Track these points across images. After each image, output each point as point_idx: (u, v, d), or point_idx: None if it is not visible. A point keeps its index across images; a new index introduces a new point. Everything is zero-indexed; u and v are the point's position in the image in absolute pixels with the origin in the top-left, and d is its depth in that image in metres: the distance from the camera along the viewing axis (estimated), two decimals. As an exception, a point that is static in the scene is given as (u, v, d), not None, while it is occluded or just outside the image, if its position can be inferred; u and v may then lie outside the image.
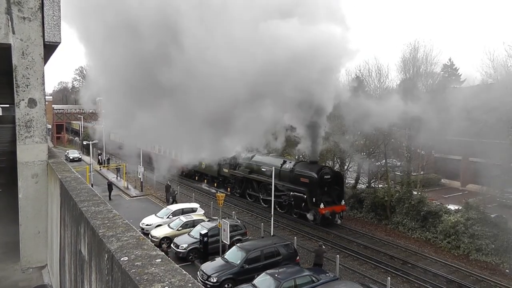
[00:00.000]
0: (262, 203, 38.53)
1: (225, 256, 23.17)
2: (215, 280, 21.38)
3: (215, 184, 46.17)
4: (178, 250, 25.74)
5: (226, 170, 43.96)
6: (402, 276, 24.20)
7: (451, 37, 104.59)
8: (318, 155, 36.43)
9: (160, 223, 30.41)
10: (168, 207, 32.86)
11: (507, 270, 25.16)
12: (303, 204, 33.39)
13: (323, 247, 25.15)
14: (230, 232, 24.69)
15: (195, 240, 25.95)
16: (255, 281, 20.02)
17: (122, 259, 2.96)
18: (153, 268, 2.81)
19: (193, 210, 32.26)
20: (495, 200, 35.10)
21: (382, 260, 26.40)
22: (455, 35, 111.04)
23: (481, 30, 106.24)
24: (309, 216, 32.82)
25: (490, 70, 32.01)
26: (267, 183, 35.85)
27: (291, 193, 34.44)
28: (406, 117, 30.30)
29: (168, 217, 30.90)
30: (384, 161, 37.20)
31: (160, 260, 2.98)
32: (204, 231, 25.86)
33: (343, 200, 33.86)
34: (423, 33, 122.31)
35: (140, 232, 3.73)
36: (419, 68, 36.17)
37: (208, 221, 28.99)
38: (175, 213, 31.21)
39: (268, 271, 20.56)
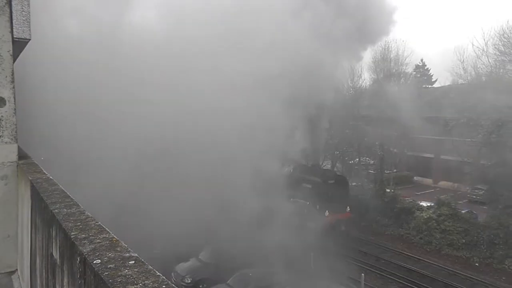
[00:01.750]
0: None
1: (199, 256, 23.05)
2: (189, 281, 21.28)
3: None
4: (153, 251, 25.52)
5: None
6: (376, 272, 24.52)
7: (422, 38, 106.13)
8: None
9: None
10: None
11: (476, 264, 25.71)
12: (305, 211, 30.54)
13: None
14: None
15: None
16: (229, 281, 20.04)
17: (94, 261, 2.90)
18: (126, 270, 2.76)
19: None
20: (465, 197, 35.91)
21: (356, 257, 26.66)
22: (426, 36, 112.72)
23: (452, 31, 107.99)
24: (310, 224, 29.71)
25: (461, 71, 32.63)
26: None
27: (291, 199, 31.15)
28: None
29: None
30: (357, 159, 37.58)
31: (133, 262, 2.93)
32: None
33: (348, 207, 31.55)
34: (396, 34, 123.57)
35: (113, 234, 3.67)
36: (391, 69, 36.71)
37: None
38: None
39: (242, 270, 20.56)
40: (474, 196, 35.39)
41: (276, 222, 23.45)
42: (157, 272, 2.77)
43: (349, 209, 31.33)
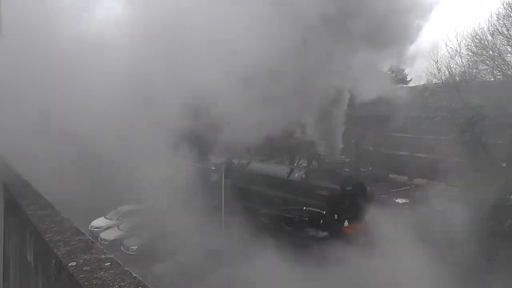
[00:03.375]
0: (263, 219, 32.27)
1: (176, 257, 22.92)
2: (166, 282, 21.15)
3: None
4: (128, 252, 25.30)
5: (214, 179, 37.44)
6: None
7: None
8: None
9: (110, 225, 29.79)
10: (118, 208, 32.09)
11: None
12: (321, 221, 27.83)
13: None
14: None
15: (146, 241, 25.59)
16: (208, 280, 19.95)
17: (70, 264, 2.87)
18: (102, 273, 2.74)
19: (143, 211, 31.75)
20: (440, 194, 36.40)
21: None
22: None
23: (426, 30, 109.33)
24: (322, 234, 27.38)
25: (435, 71, 33.08)
26: (271, 195, 30.89)
27: (304, 208, 28.59)
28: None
29: (117, 219, 30.32)
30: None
31: (109, 263, 2.91)
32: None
33: (366, 216, 28.57)
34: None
35: (88, 236, 3.63)
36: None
37: (159, 221, 28.59)
38: (125, 215, 30.64)
39: (221, 269, 20.53)
40: (449, 193, 35.93)
41: None
42: (133, 273, 2.76)
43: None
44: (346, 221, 26.83)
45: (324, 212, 27.35)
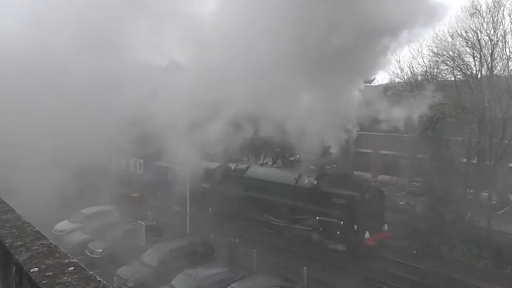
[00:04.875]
0: (266, 229, 30.35)
1: (141, 259, 22.66)
2: (131, 285, 20.86)
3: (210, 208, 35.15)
4: (93, 255, 24.90)
5: (206, 185, 34.65)
6: (318, 265, 24.91)
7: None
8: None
9: (73, 228, 29.18)
10: (82, 210, 31.44)
11: (414, 252, 26.67)
12: (338, 232, 25.65)
13: (237, 240, 25.40)
14: (146, 233, 24.23)
15: (111, 244, 25.24)
16: (172, 282, 19.78)
17: (31, 270, 2.79)
18: (65, 278, 2.68)
19: (108, 213, 31.21)
20: (403, 189, 37.20)
21: (297, 251, 27.03)
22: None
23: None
24: (340, 246, 25.69)
25: (398, 70, 33.80)
26: (275, 203, 28.97)
27: (318, 218, 26.55)
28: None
29: (82, 222, 29.74)
30: (298, 155, 38.02)
31: (73, 268, 2.84)
32: (119, 234, 25.23)
33: (386, 225, 26.74)
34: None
35: (51, 240, 3.54)
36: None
37: (124, 223, 28.21)
38: (89, 217, 30.07)
39: (185, 270, 20.34)
40: (411, 188, 36.80)
41: None
42: (98, 277, 2.69)
43: (387, 228, 26.71)
44: (367, 232, 24.71)
45: (342, 222, 25.23)
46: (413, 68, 32.95)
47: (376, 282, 22.85)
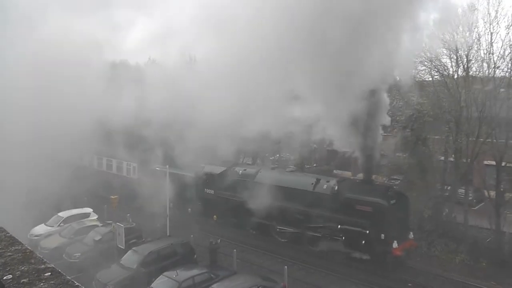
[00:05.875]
0: (277, 237, 28.85)
1: (121, 262, 22.40)
2: (111, 288, 20.68)
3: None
4: (71, 260, 24.54)
5: (211, 192, 32.68)
6: (299, 264, 25.01)
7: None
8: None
9: (50, 232, 28.70)
10: (59, 214, 30.95)
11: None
12: (364, 242, 23.96)
13: (218, 241, 25.29)
14: (125, 235, 24.00)
15: (89, 248, 24.94)
16: (153, 284, 19.61)
17: (5, 277, 2.69)
18: (42, 284, 2.58)
19: (85, 216, 30.83)
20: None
21: (277, 250, 27.15)
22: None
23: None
24: (365, 256, 24.22)
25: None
26: (290, 211, 27.31)
27: (340, 226, 24.91)
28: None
29: (59, 225, 29.29)
30: (278, 155, 38.16)
31: (49, 273, 2.75)
32: (98, 237, 24.96)
33: (411, 232, 25.11)
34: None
35: (26, 245, 3.43)
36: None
37: (102, 226, 27.89)
38: (67, 221, 29.61)
39: (165, 272, 20.15)
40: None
41: None
42: (75, 282, 2.61)
43: (412, 236, 25.11)
44: (395, 241, 23.21)
45: (367, 231, 23.69)
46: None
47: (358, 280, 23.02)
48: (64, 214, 30.75)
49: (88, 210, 32.10)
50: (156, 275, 20.25)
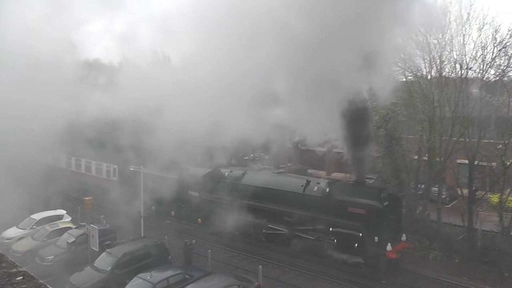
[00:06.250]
0: (263, 239, 28.07)
1: (94, 264, 22.07)
2: (86, 292, 20.37)
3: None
4: (44, 263, 24.11)
5: (195, 194, 31.63)
6: (273, 264, 25.09)
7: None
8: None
9: (22, 235, 28.13)
10: (31, 216, 30.35)
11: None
12: (356, 245, 23.57)
13: (193, 242, 25.20)
14: (99, 237, 23.71)
15: (63, 251, 24.57)
16: (127, 286, 19.41)
17: (-26, 282, 2.60)
18: (13, 288, 2.50)
19: (59, 218, 30.32)
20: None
21: (252, 250, 27.20)
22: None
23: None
24: (357, 259, 23.67)
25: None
26: (279, 214, 26.78)
27: (331, 229, 24.49)
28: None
29: (31, 228, 28.74)
30: (252, 155, 38.19)
31: (21, 277, 2.66)
32: (71, 240, 24.63)
33: (404, 234, 24.81)
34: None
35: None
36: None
37: (76, 228, 27.46)
38: (39, 223, 29.05)
39: (140, 274, 19.91)
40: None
41: None
42: (48, 286, 2.54)
43: (405, 238, 24.79)
44: (389, 244, 22.79)
45: (360, 234, 23.29)
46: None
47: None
48: (36, 216, 30.18)
49: (62, 212, 31.64)
50: (130, 277, 20.05)
